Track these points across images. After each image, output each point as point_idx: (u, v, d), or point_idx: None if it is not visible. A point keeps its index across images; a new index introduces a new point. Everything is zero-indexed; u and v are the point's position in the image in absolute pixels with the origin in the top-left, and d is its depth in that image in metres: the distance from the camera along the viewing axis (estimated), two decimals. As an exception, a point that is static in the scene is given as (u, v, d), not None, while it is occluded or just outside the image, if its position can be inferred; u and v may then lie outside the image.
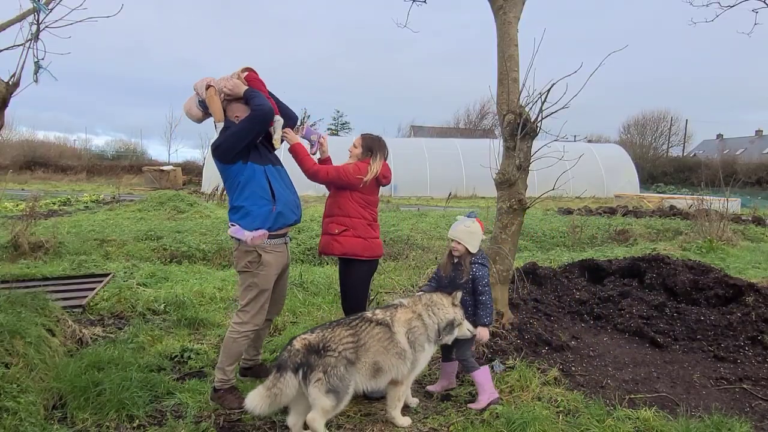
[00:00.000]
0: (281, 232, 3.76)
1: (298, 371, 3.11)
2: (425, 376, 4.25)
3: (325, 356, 3.14)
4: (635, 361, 4.58)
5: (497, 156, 4.90)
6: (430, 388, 4.02)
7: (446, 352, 3.95)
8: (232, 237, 3.71)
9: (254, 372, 4.10)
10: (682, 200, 19.92)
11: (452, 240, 3.77)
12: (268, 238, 3.65)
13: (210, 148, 3.78)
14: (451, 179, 26.60)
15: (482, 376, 3.71)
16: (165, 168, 31.48)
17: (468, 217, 3.86)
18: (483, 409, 3.58)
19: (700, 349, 4.85)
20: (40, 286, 5.60)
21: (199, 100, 3.84)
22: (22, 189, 22.45)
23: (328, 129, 51.32)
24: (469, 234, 3.74)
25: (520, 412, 3.42)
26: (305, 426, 3.21)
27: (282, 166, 3.90)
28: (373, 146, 4.07)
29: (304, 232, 10.00)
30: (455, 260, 3.83)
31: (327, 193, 4.17)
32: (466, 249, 3.74)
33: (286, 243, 3.86)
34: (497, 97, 4.85)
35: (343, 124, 53.06)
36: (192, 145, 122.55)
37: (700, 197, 13.69)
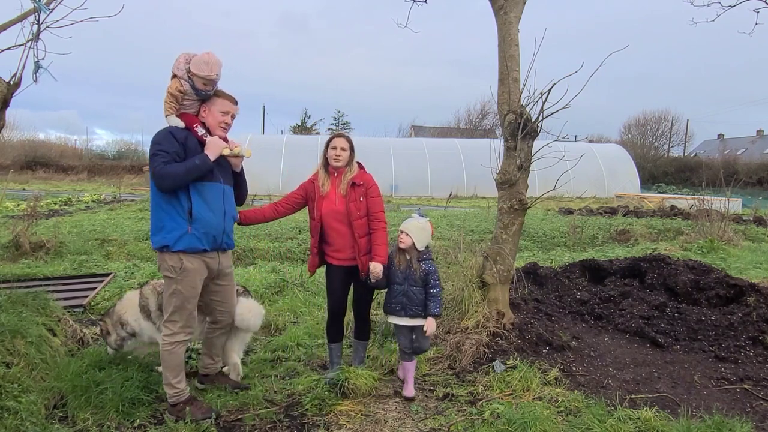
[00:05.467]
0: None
1: None
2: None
3: None
4: (636, 362, 4.58)
5: (498, 156, 4.89)
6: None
7: (403, 354, 4.00)
8: None
9: (211, 379, 3.96)
10: (683, 200, 19.96)
11: (402, 232, 3.92)
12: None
13: None
14: (452, 179, 26.54)
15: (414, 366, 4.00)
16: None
17: (419, 215, 4.03)
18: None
19: (701, 349, 4.84)
20: (41, 285, 5.60)
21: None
22: (24, 189, 22.49)
23: (329, 129, 51.26)
24: (419, 230, 3.90)
25: (521, 412, 3.43)
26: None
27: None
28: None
29: (305, 232, 9.99)
30: (406, 255, 3.94)
31: None
32: (413, 243, 3.89)
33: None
34: (498, 97, 4.85)
35: (344, 124, 53.02)
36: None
37: (701, 197, 13.72)
